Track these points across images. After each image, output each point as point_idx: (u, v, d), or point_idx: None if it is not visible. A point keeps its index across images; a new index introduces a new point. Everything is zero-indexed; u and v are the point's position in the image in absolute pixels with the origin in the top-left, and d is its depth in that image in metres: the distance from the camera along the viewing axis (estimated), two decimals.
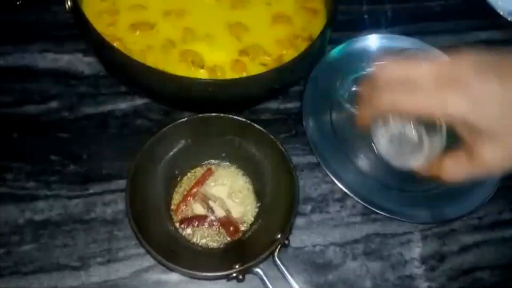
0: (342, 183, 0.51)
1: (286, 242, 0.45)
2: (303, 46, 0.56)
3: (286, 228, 0.44)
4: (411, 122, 0.43)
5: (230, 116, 0.49)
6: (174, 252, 0.44)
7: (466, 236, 0.52)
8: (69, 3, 0.49)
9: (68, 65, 0.54)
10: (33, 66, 0.54)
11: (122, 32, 0.53)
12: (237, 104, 0.54)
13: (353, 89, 0.57)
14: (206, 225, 0.48)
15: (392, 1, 0.66)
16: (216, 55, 0.54)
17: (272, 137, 0.48)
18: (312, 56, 0.52)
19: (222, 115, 0.49)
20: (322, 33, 0.51)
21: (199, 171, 0.51)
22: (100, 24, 0.53)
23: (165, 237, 0.46)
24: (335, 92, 0.56)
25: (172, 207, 0.49)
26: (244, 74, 0.53)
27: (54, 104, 0.52)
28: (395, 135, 0.43)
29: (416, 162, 0.43)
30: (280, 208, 0.47)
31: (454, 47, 0.60)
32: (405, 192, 0.52)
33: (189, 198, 0.49)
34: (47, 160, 0.49)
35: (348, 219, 0.51)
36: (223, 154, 0.51)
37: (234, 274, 0.43)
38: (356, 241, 0.50)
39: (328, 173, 0.52)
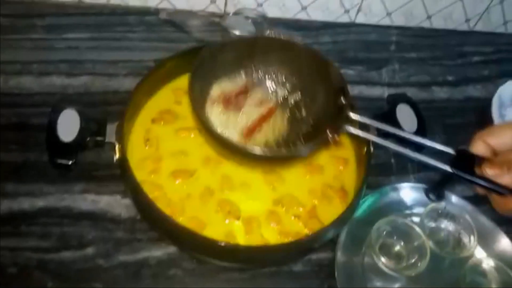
0: None
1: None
2: (335, 197, 0.58)
3: (346, 90, 0.52)
4: None
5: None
6: None
7: None
8: (117, 155, 0.51)
9: (106, 207, 0.56)
10: (72, 208, 0.55)
11: (163, 180, 0.55)
12: (269, 261, 0.54)
13: (383, 240, 0.57)
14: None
15: None
16: (251, 204, 0.55)
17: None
18: (347, 216, 0.54)
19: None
20: (357, 195, 0.53)
21: None
22: (143, 171, 0.55)
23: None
24: (367, 245, 0.57)
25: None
26: (278, 227, 0.53)
27: (90, 250, 0.52)
28: None
29: None
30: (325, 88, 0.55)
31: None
32: None
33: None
34: None
35: None
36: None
37: (330, 135, 0.49)
38: None
39: None
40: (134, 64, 0.70)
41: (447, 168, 0.47)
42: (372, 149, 0.58)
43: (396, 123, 0.60)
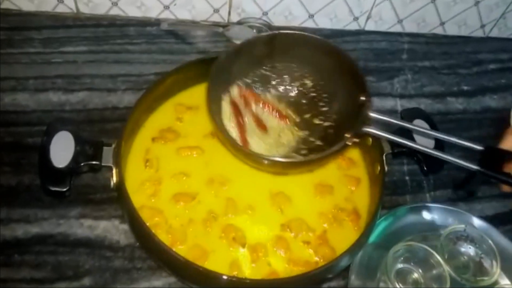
0: None
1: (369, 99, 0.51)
2: (347, 220, 0.54)
3: (366, 88, 0.51)
4: None
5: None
6: None
7: None
8: (114, 179, 0.48)
9: (104, 233, 0.52)
10: (68, 235, 0.52)
11: (163, 204, 0.52)
12: None
13: (399, 266, 0.54)
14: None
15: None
16: (258, 230, 0.52)
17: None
18: (361, 242, 0.50)
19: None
20: (372, 218, 0.50)
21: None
22: (142, 195, 0.52)
23: None
24: (382, 271, 0.53)
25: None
26: (286, 254, 0.50)
27: (87, 281, 0.49)
28: None
29: None
30: (344, 86, 0.54)
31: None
32: None
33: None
34: None
35: None
36: None
37: (349, 143, 0.48)
38: None
39: None
40: (134, 78, 0.66)
41: (475, 166, 0.46)
42: (386, 167, 0.55)
43: (412, 140, 0.56)
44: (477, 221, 0.58)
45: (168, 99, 0.60)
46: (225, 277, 0.43)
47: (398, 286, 0.52)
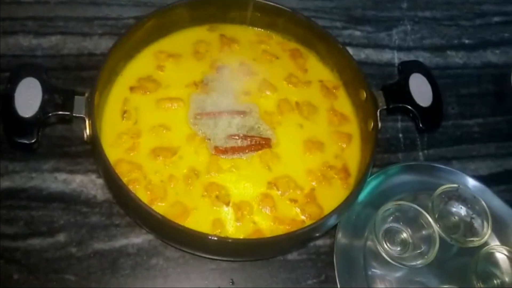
0: None
1: None
2: (336, 179, 0.52)
3: None
4: None
5: None
6: None
7: None
8: (87, 131, 0.45)
9: (80, 188, 0.50)
10: (41, 189, 0.49)
11: (142, 158, 0.49)
12: (262, 254, 0.49)
13: (388, 226, 0.52)
14: None
15: None
16: (243, 187, 0.49)
17: None
18: (350, 201, 0.48)
19: None
20: (362, 177, 0.47)
21: None
22: (120, 148, 0.49)
23: None
24: (370, 230, 0.52)
25: None
26: (272, 213, 0.48)
27: (61, 237, 0.47)
28: None
29: None
30: None
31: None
32: None
33: None
34: None
35: None
36: None
37: None
38: None
39: None
40: (112, 22, 0.61)
41: None
42: (380, 123, 0.52)
43: (408, 96, 0.53)
44: (470, 181, 0.57)
45: (148, 45, 0.55)
46: (204, 235, 0.41)
47: (385, 246, 0.51)
